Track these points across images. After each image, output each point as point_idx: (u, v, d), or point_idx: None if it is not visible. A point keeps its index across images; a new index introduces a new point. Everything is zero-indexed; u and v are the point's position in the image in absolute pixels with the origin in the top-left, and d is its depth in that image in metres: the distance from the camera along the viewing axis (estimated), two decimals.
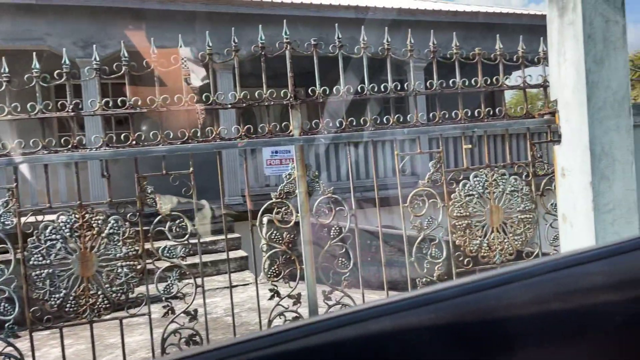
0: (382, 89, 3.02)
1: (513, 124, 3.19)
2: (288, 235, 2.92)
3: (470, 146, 3.14)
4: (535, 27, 8.89)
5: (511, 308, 0.44)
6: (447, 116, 3.11)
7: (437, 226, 3.09)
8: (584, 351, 0.43)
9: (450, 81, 3.08)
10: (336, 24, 3.03)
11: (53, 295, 2.53)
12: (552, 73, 2.99)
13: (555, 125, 3.06)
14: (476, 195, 3.15)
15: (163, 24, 8.04)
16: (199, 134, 2.79)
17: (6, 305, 2.57)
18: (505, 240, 3.19)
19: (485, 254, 3.17)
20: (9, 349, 2.56)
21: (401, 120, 3.03)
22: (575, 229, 2.90)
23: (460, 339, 0.42)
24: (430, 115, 3.17)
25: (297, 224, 2.92)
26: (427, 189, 3.08)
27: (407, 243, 3.09)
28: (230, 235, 6.65)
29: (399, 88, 3.03)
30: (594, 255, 0.46)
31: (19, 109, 2.58)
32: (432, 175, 3.08)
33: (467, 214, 3.14)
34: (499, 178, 3.17)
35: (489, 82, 3.16)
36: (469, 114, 3.12)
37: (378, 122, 3.03)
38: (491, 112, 3.18)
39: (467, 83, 3.11)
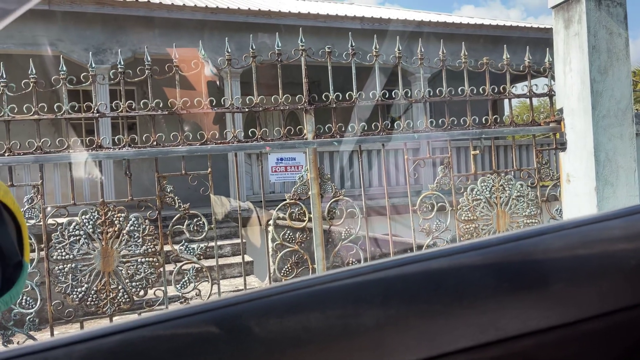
0: (393, 96, 3.13)
1: (520, 131, 3.30)
2: (300, 235, 3.01)
3: (477, 152, 3.24)
4: (536, 40, 9.05)
5: (546, 253, 0.54)
6: (455, 123, 3.22)
7: (444, 229, 3.18)
8: (604, 288, 0.52)
9: (459, 89, 3.19)
10: (349, 33, 3.15)
11: (75, 289, 2.62)
12: (558, 82, 3.10)
13: (560, 133, 3.17)
14: (483, 200, 3.24)
15: (172, 32, 8.19)
16: (216, 136, 2.90)
17: (28, 298, 2.65)
18: None
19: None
20: (30, 342, 2.63)
21: (411, 125, 3.14)
22: None
23: (502, 277, 0.52)
24: (440, 121, 3.26)
25: (309, 224, 3.01)
26: (435, 193, 3.18)
27: (415, 248, 3.17)
28: (236, 240, 6.74)
29: (409, 95, 3.14)
30: (612, 215, 0.57)
31: (45, 109, 2.69)
32: (441, 179, 3.18)
33: (475, 218, 3.23)
34: (506, 183, 3.27)
35: (496, 91, 3.27)
36: (476, 121, 3.22)
37: (389, 127, 3.13)
38: (498, 120, 3.28)
39: (474, 91, 3.22)
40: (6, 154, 2.58)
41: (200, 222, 2.82)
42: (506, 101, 3.73)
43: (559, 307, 0.50)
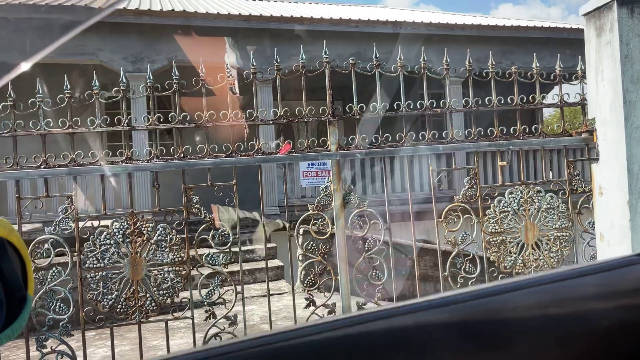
0: (418, 106, 3.11)
1: (549, 142, 3.21)
2: (324, 246, 3.02)
3: (505, 163, 3.18)
4: (577, 41, 8.77)
5: (515, 311, 0.54)
6: (482, 133, 3.17)
7: (471, 241, 3.13)
8: (574, 350, 0.52)
9: (486, 99, 3.14)
10: (374, 43, 3.15)
11: (106, 297, 2.72)
12: (590, 91, 3.00)
13: (593, 144, 3.07)
14: (511, 212, 3.17)
15: (206, 40, 8.37)
16: (242, 148, 2.95)
17: (61, 305, 2.77)
18: (541, 258, 3.20)
19: (519, 271, 3.18)
20: (62, 347, 2.75)
21: (436, 136, 3.11)
22: (613, 247, 2.89)
23: (469, 336, 0.52)
24: (466, 132, 3.22)
25: (332, 235, 3.02)
26: (461, 205, 3.13)
27: (441, 258, 3.14)
28: (267, 245, 6.82)
29: (434, 105, 3.11)
30: (588, 270, 0.55)
31: (79, 123, 2.80)
32: (467, 191, 3.13)
33: (502, 230, 3.16)
34: (535, 195, 3.19)
35: (525, 100, 3.20)
36: (504, 132, 3.16)
37: (413, 138, 3.11)
38: (527, 130, 3.21)
39: (502, 101, 3.16)
40: (42, 166, 2.71)
41: (225, 233, 2.88)
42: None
43: None
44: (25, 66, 0.57)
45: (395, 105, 3.08)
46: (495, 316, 0.53)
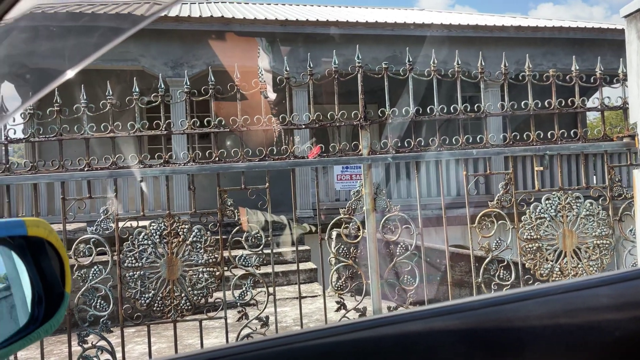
0: (452, 110, 3.08)
1: (589, 147, 3.12)
2: (355, 250, 3.03)
3: (542, 168, 3.10)
4: (620, 42, 8.45)
5: (526, 320, 0.54)
6: (518, 137, 3.10)
7: (505, 248, 3.08)
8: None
9: (522, 103, 3.08)
10: (407, 48, 3.14)
11: (143, 295, 2.82)
12: (631, 94, 2.91)
13: (635, 148, 2.96)
14: (548, 218, 3.10)
15: (244, 45, 8.52)
16: (274, 152, 3.00)
17: (102, 302, 2.88)
18: (580, 266, 3.10)
19: (557, 279, 3.10)
20: (102, 343, 2.86)
21: (470, 141, 3.07)
22: None
23: (476, 344, 0.53)
24: (501, 136, 3.16)
25: (364, 239, 3.03)
26: (496, 210, 3.08)
27: (474, 264, 3.10)
28: (300, 248, 6.88)
29: (468, 109, 3.07)
30: (600, 281, 0.56)
31: (120, 127, 2.92)
32: (502, 196, 3.08)
33: (538, 237, 3.09)
34: (573, 201, 3.10)
35: (563, 104, 3.12)
36: (541, 136, 3.09)
37: (447, 142, 3.09)
38: (565, 134, 3.13)
39: (540, 105, 3.09)
40: (85, 169, 2.84)
41: (258, 235, 2.93)
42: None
43: None
44: (72, 73, 0.61)
45: (428, 109, 3.06)
46: (505, 324, 0.54)
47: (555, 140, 3.10)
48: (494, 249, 3.08)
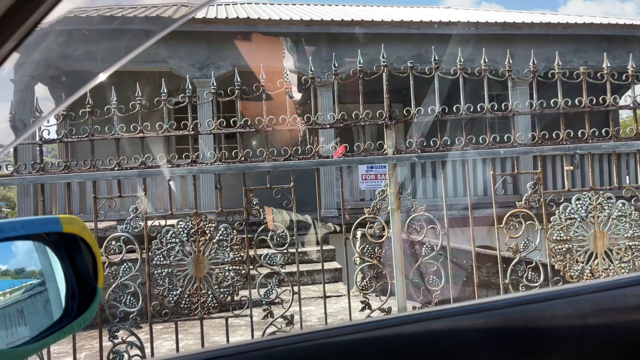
0: (479, 109, 3.04)
1: (621, 146, 3.04)
2: (379, 250, 3.02)
3: (572, 168, 3.03)
4: None
5: (552, 320, 0.54)
6: (547, 136, 3.04)
7: (533, 249, 3.02)
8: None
9: (552, 101, 3.02)
10: (433, 46, 3.12)
11: (171, 292, 2.87)
12: None
13: None
14: (578, 219, 3.03)
15: (269, 45, 8.58)
16: (299, 152, 3.02)
17: (131, 298, 2.95)
18: (611, 268, 3.03)
19: (587, 281, 3.02)
20: (132, 338, 2.92)
21: (497, 140, 3.03)
22: None
23: (502, 343, 0.53)
24: (529, 135, 3.11)
25: (388, 239, 3.02)
26: (524, 211, 3.03)
27: (501, 265, 3.05)
28: (325, 247, 6.89)
29: (495, 108, 3.03)
30: (628, 281, 0.55)
31: (149, 128, 2.98)
32: (530, 196, 3.02)
33: (568, 238, 3.03)
34: (605, 202, 3.03)
35: (594, 102, 3.04)
36: (571, 135, 3.03)
37: (473, 141, 3.05)
38: (597, 133, 3.05)
39: (569, 103, 3.02)
40: (116, 169, 2.91)
41: (283, 234, 2.96)
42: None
43: None
44: (104, 76, 0.62)
45: (454, 108, 3.03)
46: (531, 324, 0.54)
47: (586, 139, 3.03)
48: (521, 249, 3.03)
